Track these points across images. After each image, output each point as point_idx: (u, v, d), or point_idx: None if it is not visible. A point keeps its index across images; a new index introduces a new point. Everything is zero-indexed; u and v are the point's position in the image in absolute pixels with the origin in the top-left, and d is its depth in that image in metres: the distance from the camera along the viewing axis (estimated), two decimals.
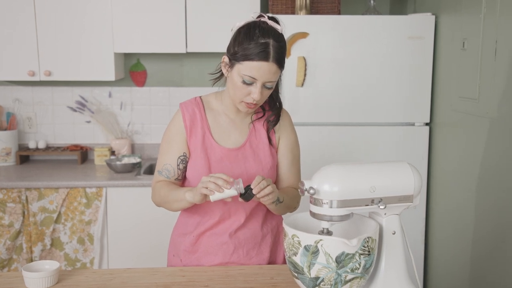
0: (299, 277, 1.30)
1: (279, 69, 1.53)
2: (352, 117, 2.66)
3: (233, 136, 1.66)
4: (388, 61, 2.61)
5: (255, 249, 1.68)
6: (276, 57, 1.50)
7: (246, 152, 1.64)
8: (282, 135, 1.70)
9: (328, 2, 2.90)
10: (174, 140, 1.65)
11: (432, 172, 2.68)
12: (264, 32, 1.50)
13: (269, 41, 1.49)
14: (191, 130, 1.64)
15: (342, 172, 1.30)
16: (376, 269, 1.35)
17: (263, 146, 1.66)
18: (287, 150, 1.70)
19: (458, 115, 2.37)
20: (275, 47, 1.49)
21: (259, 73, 1.50)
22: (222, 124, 1.67)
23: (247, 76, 1.50)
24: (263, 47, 1.48)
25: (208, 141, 1.63)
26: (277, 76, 1.54)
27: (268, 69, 1.49)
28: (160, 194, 1.65)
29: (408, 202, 1.34)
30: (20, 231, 2.80)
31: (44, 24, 2.96)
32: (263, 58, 1.48)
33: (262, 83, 1.51)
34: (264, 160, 1.65)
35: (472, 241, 2.26)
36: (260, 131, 1.67)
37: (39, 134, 3.40)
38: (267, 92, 1.56)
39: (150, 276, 1.55)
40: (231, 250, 1.66)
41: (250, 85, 1.52)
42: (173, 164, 1.65)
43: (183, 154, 1.65)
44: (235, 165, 1.63)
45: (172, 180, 1.66)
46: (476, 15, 2.15)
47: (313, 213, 1.31)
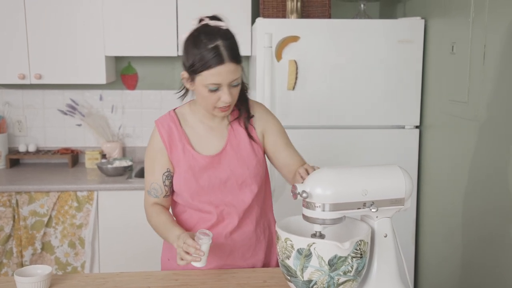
0: (292, 280, 1.31)
1: (238, 65, 1.52)
2: (343, 120, 2.67)
3: (213, 142, 1.65)
4: (378, 64, 2.63)
5: (250, 250, 1.69)
6: (230, 56, 1.49)
7: (228, 155, 1.64)
8: (265, 126, 1.69)
9: (318, 6, 2.91)
10: (156, 158, 1.66)
11: (422, 174, 2.70)
12: (209, 35, 1.50)
13: (218, 43, 1.49)
14: (170, 145, 1.64)
15: (335, 175, 1.32)
16: (368, 272, 1.36)
17: (244, 145, 1.65)
18: (276, 137, 1.69)
19: (448, 118, 2.40)
20: (225, 47, 1.49)
21: (220, 78, 1.49)
22: (200, 133, 1.66)
23: (211, 84, 1.50)
24: (214, 52, 1.47)
25: (188, 152, 1.63)
26: (239, 72, 1.54)
27: (227, 70, 1.49)
28: (152, 223, 1.67)
29: (399, 205, 1.36)
30: (10, 235, 2.79)
31: (35, 27, 2.95)
32: (219, 62, 1.48)
33: (227, 84, 1.51)
34: (248, 158, 1.65)
35: (462, 243, 2.28)
36: (239, 131, 1.67)
37: (29, 138, 3.38)
38: (236, 90, 1.56)
39: (143, 280, 1.55)
40: (227, 253, 1.66)
41: (217, 91, 1.52)
42: (159, 182, 1.65)
43: (167, 170, 1.65)
44: (220, 170, 1.63)
45: (161, 198, 1.67)
46: (465, 20, 2.18)
47: (306, 216, 1.33)
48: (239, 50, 1.54)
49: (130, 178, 2.97)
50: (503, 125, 1.94)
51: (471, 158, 2.19)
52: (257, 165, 1.66)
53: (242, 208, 1.66)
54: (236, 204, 1.65)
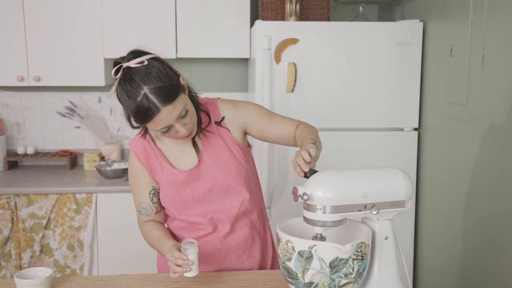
0: (293, 282, 1.32)
1: (175, 100, 1.40)
2: (341, 123, 2.68)
3: (189, 155, 1.62)
4: (377, 66, 2.64)
5: (246, 253, 1.69)
6: (162, 100, 1.38)
7: (206, 164, 1.60)
8: (240, 122, 1.64)
9: (317, 9, 2.92)
10: (138, 179, 1.64)
11: (421, 176, 2.71)
12: (133, 85, 1.38)
13: (143, 91, 1.37)
14: (149, 165, 1.61)
15: (335, 178, 1.32)
16: (369, 274, 1.36)
17: (221, 151, 1.61)
18: (257, 122, 1.64)
19: (447, 121, 2.41)
20: (154, 93, 1.37)
21: (164, 122, 1.42)
22: (175, 148, 1.62)
23: (160, 129, 1.44)
24: (144, 104, 1.37)
25: (167, 170, 1.61)
26: (180, 104, 1.42)
27: (165, 114, 1.40)
28: (147, 240, 1.67)
29: (400, 207, 1.36)
30: (9, 238, 2.78)
31: (34, 29, 2.95)
32: (154, 112, 1.38)
33: (176, 121, 1.44)
34: (228, 163, 1.61)
35: (461, 245, 2.29)
36: (213, 138, 1.62)
37: (28, 140, 3.38)
38: (189, 117, 1.47)
39: (143, 282, 1.55)
40: (223, 257, 1.66)
41: (170, 129, 1.46)
42: (147, 201, 1.64)
43: (152, 188, 1.64)
44: (202, 181, 1.60)
45: (153, 215, 1.66)
46: (464, 22, 2.18)
47: (307, 218, 1.33)
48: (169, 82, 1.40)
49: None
50: (502, 127, 1.95)
51: (470, 161, 2.19)
52: (238, 166, 1.62)
53: (232, 213, 1.63)
54: (225, 210, 1.62)
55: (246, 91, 3.37)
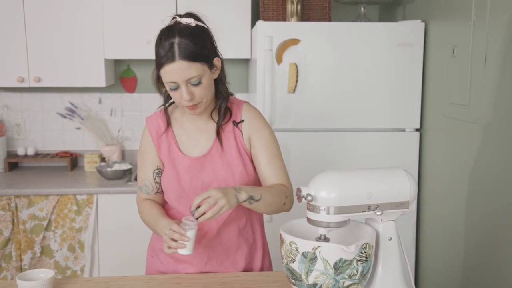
0: (297, 283, 1.31)
1: (194, 63, 1.45)
2: (343, 123, 2.67)
3: (199, 143, 1.62)
4: (378, 67, 2.64)
5: (230, 259, 1.66)
6: (182, 54, 1.44)
7: (213, 158, 1.60)
8: (253, 134, 1.62)
9: (318, 9, 2.92)
10: (146, 156, 1.66)
11: (423, 177, 2.70)
12: (170, 33, 1.47)
13: (174, 40, 1.45)
14: (158, 143, 1.63)
15: (339, 178, 1.31)
16: (373, 275, 1.36)
17: (230, 150, 1.60)
18: (261, 147, 1.61)
19: (449, 121, 2.40)
20: (179, 44, 1.44)
21: (173, 76, 1.45)
22: (188, 133, 1.64)
23: (168, 82, 1.48)
24: (167, 49, 1.44)
25: (174, 152, 1.62)
26: (196, 70, 1.46)
27: (178, 68, 1.44)
28: (143, 218, 1.67)
29: (404, 208, 1.35)
30: (9, 239, 2.77)
31: (34, 30, 2.94)
32: (170, 60, 1.44)
33: (184, 83, 1.47)
34: (233, 164, 1.60)
35: (463, 246, 2.28)
36: (228, 135, 1.62)
37: (28, 141, 3.37)
38: (199, 89, 1.49)
39: (146, 283, 1.55)
40: (205, 260, 1.64)
41: (177, 90, 1.49)
42: (150, 179, 1.66)
43: (157, 167, 1.65)
44: (203, 173, 1.59)
45: (152, 194, 1.67)
46: (466, 22, 2.18)
47: (310, 219, 1.32)
48: (201, 48, 1.47)
49: (130, 181, 2.96)
50: (504, 128, 1.94)
51: (472, 161, 2.19)
52: (243, 172, 1.60)
53: (222, 218, 1.60)
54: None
55: (247, 91, 3.36)
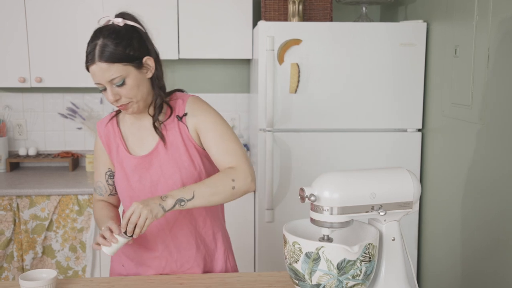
0: (300, 284, 1.30)
1: (114, 64, 1.44)
2: (345, 123, 2.67)
3: (145, 142, 1.60)
4: (380, 67, 2.63)
5: (190, 262, 1.63)
6: (101, 55, 1.44)
7: (159, 155, 1.58)
8: (198, 124, 1.57)
9: (320, 9, 2.91)
10: (99, 158, 1.68)
11: (425, 178, 2.70)
12: (96, 34, 1.49)
13: (97, 41, 1.46)
14: (108, 146, 1.64)
15: (342, 179, 1.31)
16: (376, 275, 1.35)
17: (177, 145, 1.57)
18: (207, 133, 1.56)
19: (451, 121, 2.40)
20: (101, 46, 1.44)
21: (96, 77, 1.47)
22: (134, 132, 1.62)
23: (96, 84, 1.49)
24: (90, 51, 1.46)
25: (122, 153, 1.62)
26: (117, 71, 1.44)
27: (98, 69, 1.45)
28: (95, 218, 1.68)
29: (407, 208, 1.35)
30: (11, 239, 2.77)
31: (35, 31, 2.94)
32: (90, 62, 1.46)
33: (108, 84, 1.46)
34: (180, 159, 1.56)
35: (465, 246, 2.28)
36: (173, 130, 1.58)
37: (30, 141, 3.37)
38: (125, 89, 1.47)
39: (147, 284, 1.54)
40: (163, 264, 1.63)
41: (105, 90, 1.48)
42: (102, 181, 1.68)
43: (109, 169, 1.67)
44: (151, 171, 1.58)
45: (106, 196, 1.69)
46: (469, 23, 2.18)
47: (314, 220, 1.32)
48: (123, 49, 1.46)
49: None
50: (507, 128, 1.94)
51: (474, 162, 2.18)
52: (190, 166, 1.56)
53: (172, 216, 1.58)
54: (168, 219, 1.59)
55: (248, 92, 3.36)
